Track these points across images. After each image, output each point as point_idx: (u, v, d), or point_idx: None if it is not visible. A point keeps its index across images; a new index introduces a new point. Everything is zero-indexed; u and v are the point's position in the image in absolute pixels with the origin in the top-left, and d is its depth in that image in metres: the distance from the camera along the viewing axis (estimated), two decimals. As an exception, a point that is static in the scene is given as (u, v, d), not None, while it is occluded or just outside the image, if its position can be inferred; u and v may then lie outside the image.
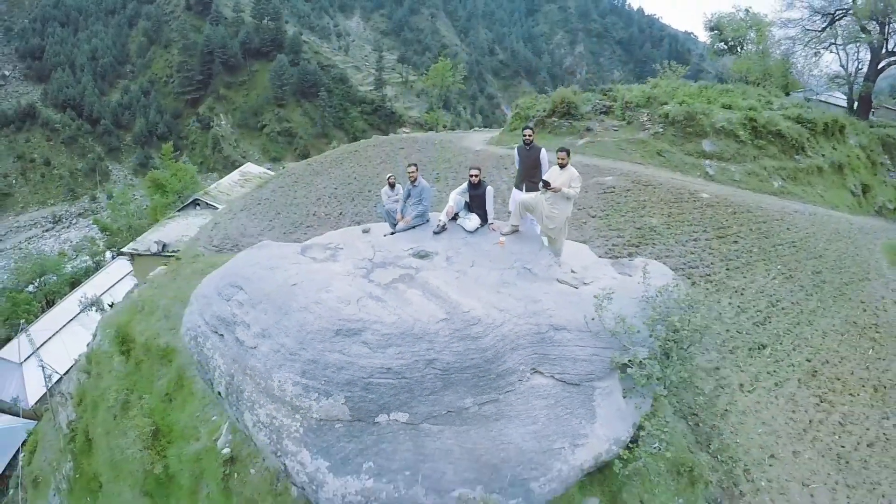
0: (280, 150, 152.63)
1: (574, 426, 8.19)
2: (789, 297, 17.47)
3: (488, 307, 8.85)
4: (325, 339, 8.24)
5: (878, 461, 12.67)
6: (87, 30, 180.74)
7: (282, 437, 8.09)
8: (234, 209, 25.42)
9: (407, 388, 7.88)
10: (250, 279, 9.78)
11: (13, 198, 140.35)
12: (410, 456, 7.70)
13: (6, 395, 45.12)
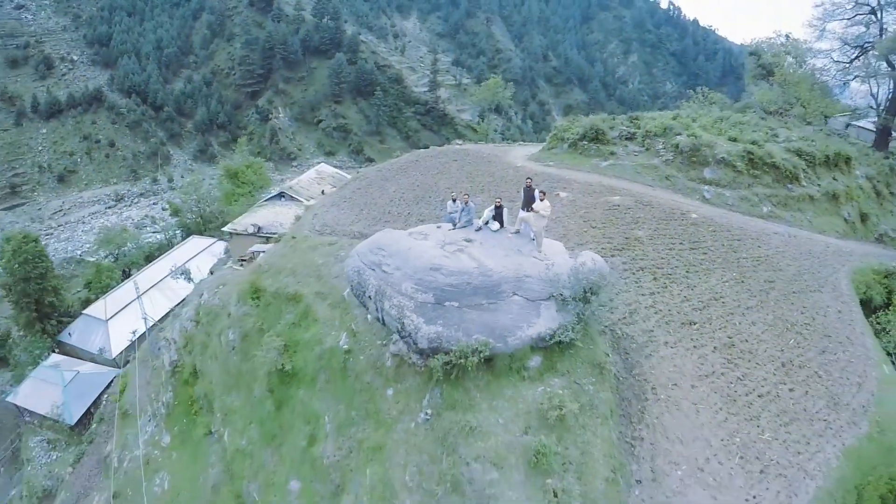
0: (334, 145, 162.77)
1: (529, 318, 17.35)
2: (733, 295, 23.79)
3: (497, 264, 18.16)
4: (425, 271, 17.50)
5: (763, 406, 19.03)
6: (152, 20, 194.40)
7: (403, 311, 17.36)
8: (326, 204, 33.32)
9: (458, 293, 17.11)
10: (388, 244, 19.30)
11: (78, 175, 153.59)
12: (457, 319, 16.82)
13: (93, 347, 54.97)
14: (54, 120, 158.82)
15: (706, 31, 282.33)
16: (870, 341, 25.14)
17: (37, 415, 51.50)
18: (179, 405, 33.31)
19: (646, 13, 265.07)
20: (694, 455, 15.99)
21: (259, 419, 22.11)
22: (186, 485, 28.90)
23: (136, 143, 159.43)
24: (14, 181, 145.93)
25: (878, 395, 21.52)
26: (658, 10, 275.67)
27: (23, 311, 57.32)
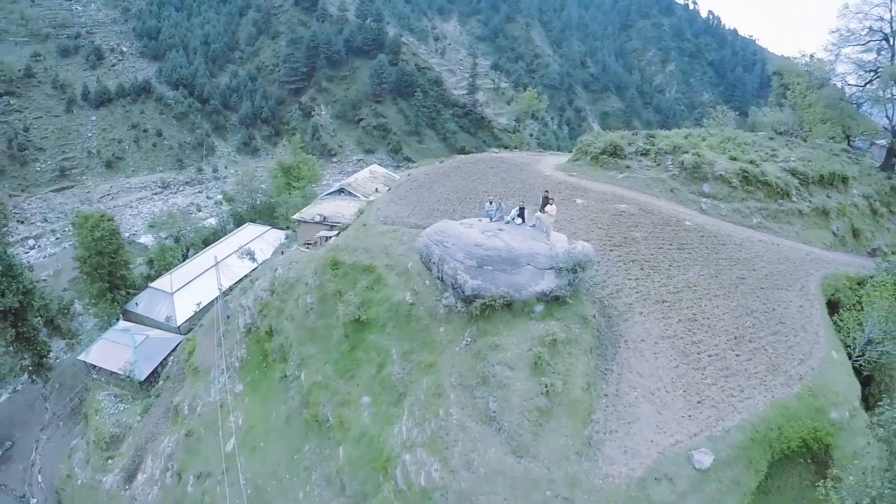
0: (374, 143, 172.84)
1: (537, 280, 26.15)
2: (704, 285, 31.10)
3: (518, 245, 27.40)
4: (471, 246, 26.89)
5: (710, 362, 26.32)
6: (199, 16, 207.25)
7: (457, 271, 26.79)
8: (386, 201, 41.91)
9: (491, 261, 26.58)
10: (447, 229, 28.51)
11: (125, 161, 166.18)
12: (490, 277, 26.47)
13: (159, 316, 64.34)
14: (104, 108, 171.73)
15: (746, 42, 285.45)
16: (823, 331, 31.79)
17: (105, 371, 60.74)
18: (252, 359, 41.85)
19: (685, 22, 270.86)
20: (648, 385, 23.35)
21: (334, 360, 30.43)
22: (260, 420, 37.26)
23: (182, 134, 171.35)
24: (64, 165, 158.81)
25: (818, 370, 28.19)
26: (698, 19, 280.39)
27: (95, 282, 66.73)
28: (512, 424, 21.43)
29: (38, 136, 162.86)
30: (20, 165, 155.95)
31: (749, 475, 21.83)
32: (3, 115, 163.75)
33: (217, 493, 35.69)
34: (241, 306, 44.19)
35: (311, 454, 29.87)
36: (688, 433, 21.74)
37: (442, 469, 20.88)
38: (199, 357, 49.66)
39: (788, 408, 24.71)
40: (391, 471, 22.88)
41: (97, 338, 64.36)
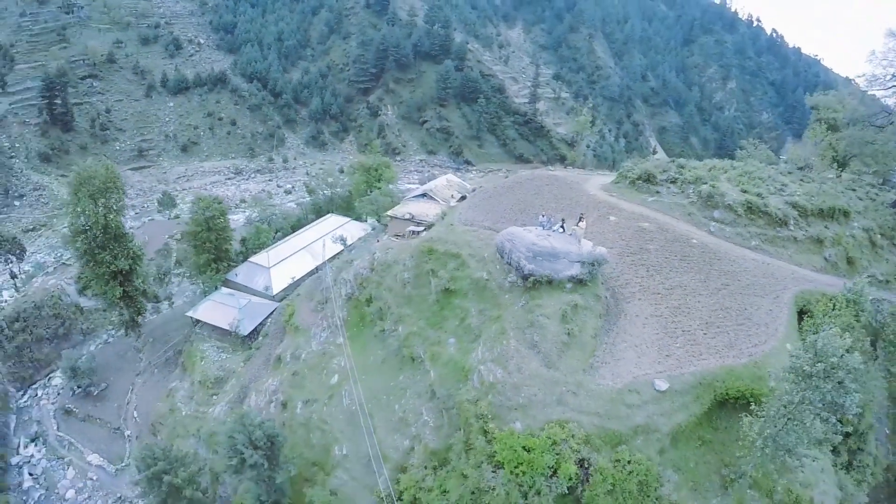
0: (436, 145, 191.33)
1: (569, 268, 42.29)
2: (693, 286, 45.43)
3: (559, 246, 44.21)
4: (529, 244, 43.66)
5: (682, 335, 40.61)
6: (273, 13, 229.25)
7: (520, 259, 43.32)
8: (465, 207, 58.11)
9: (541, 254, 43.44)
10: (514, 233, 45.61)
11: (199, 147, 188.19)
12: (540, 264, 42.97)
13: (257, 286, 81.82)
14: (181, 95, 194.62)
15: (809, 62, 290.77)
16: (783, 329, 44.98)
17: (207, 325, 78.36)
18: (352, 320, 58.11)
19: (748, 39, 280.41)
20: (634, 342, 38.08)
21: (426, 317, 46.39)
22: (359, 362, 53.35)
23: (254, 124, 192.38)
24: (142, 146, 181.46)
25: (768, 353, 41.68)
26: (761, 37, 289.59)
27: (202, 254, 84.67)
28: (546, 350, 36.87)
29: (119, 118, 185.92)
30: (101, 143, 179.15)
31: (695, 404, 36.26)
32: (87, 96, 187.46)
33: (324, 412, 51.84)
34: (343, 279, 60.64)
35: (405, 380, 45.91)
36: (655, 371, 36.42)
37: (503, 373, 36.31)
38: (299, 318, 66.51)
39: (734, 370, 38.57)
40: (470, 377, 38.39)
41: (202, 299, 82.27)
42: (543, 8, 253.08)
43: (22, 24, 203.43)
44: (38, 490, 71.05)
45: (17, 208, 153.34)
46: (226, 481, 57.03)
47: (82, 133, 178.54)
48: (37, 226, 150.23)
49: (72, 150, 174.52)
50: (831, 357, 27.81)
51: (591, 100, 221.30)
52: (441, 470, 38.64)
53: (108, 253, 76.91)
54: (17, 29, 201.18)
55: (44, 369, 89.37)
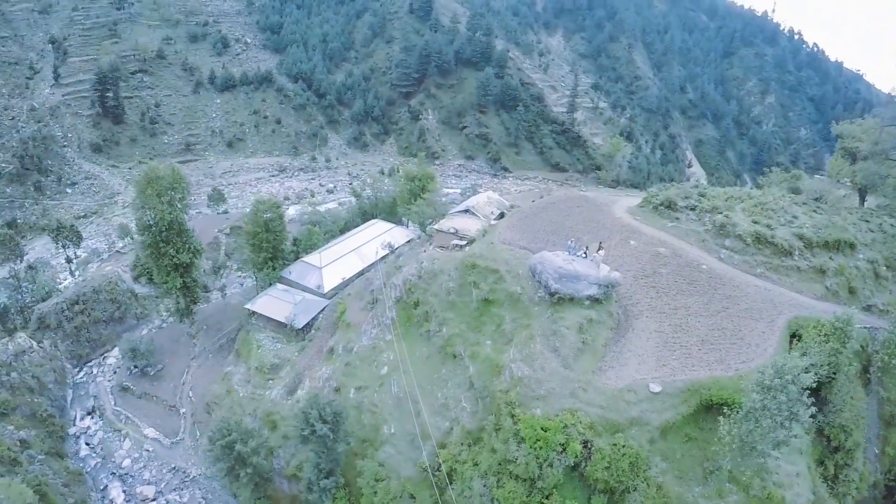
0: (475, 151, 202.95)
1: (588, 288, 54.05)
2: (695, 308, 55.12)
3: (581, 269, 56.70)
4: (556, 267, 56.17)
5: (680, 349, 50.45)
6: (319, 15, 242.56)
7: (549, 279, 55.90)
8: (504, 227, 68.77)
9: (566, 276, 55.23)
10: (544, 256, 58.33)
11: (245, 143, 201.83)
12: (564, 284, 55.25)
13: (310, 284, 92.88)
14: (227, 93, 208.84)
15: (850, 77, 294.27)
16: (772, 350, 53.41)
17: (263, 317, 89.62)
18: (400, 319, 68.95)
19: (788, 53, 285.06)
20: (637, 352, 48.13)
21: (467, 321, 57.21)
22: (408, 355, 64.05)
23: (298, 124, 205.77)
24: (189, 140, 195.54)
25: (753, 368, 50.53)
26: (801, 51, 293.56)
27: (260, 253, 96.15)
28: (564, 354, 47.42)
29: (167, 112, 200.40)
30: (150, 136, 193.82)
31: (682, 406, 46.07)
32: (138, 90, 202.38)
33: (374, 398, 62.83)
34: (393, 284, 71.59)
35: (447, 373, 56.84)
36: (651, 376, 46.49)
37: (529, 370, 46.90)
38: (350, 315, 77.76)
39: (719, 381, 47.78)
40: (502, 372, 49.04)
41: (260, 294, 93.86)
42: (584, 16, 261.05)
43: (74, 18, 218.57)
44: (94, 458, 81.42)
45: (69, 195, 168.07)
46: (279, 455, 67.63)
47: (132, 126, 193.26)
48: (88, 213, 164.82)
49: (122, 142, 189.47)
50: (787, 375, 37.39)
51: (628, 110, 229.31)
52: (475, 446, 49.63)
53: (171, 247, 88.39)
54: (69, 23, 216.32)
55: (99, 349, 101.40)
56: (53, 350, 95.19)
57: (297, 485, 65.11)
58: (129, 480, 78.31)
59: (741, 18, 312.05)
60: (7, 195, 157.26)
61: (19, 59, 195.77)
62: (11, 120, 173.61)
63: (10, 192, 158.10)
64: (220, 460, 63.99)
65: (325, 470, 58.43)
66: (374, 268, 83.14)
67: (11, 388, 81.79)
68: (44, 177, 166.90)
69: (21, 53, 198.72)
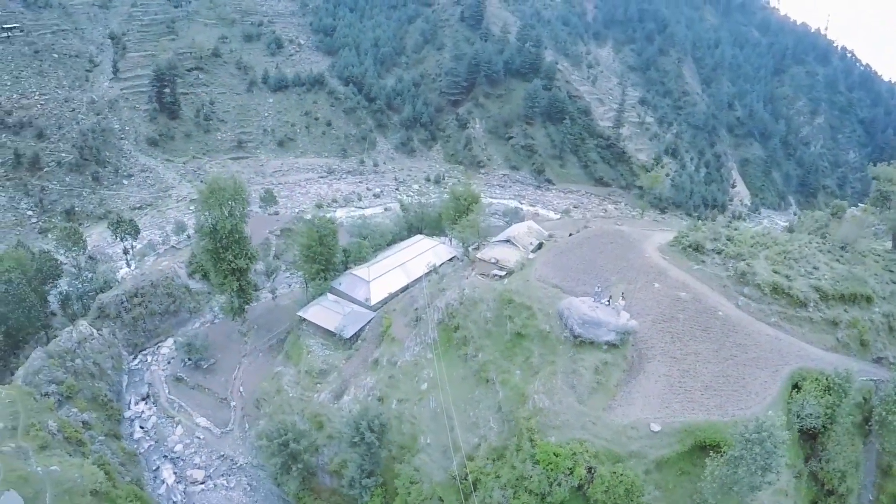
0: (520, 161, 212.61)
1: (607, 334, 62.77)
2: (705, 354, 63.08)
3: (603, 316, 65.40)
4: (581, 313, 65.41)
5: (684, 393, 58.52)
6: (371, 19, 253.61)
7: (573, 324, 64.96)
8: (539, 263, 78.09)
9: (589, 322, 64.60)
10: (570, 303, 67.35)
11: (295, 143, 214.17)
12: (587, 329, 64.04)
13: (358, 296, 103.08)
14: (280, 93, 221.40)
15: None
16: (771, 399, 59.75)
17: (313, 324, 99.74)
18: (440, 340, 78.53)
19: (840, 73, 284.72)
20: (645, 394, 56.84)
21: (501, 350, 66.78)
22: (445, 375, 73.64)
23: (348, 126, 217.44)
24: (241, 137, 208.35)
25: (749, 415, 56.38)
26: (854, 71, 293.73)
27: (313, 265, 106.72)
28: (580, 391, 56.80)
29: (221, 110, 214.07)
30: (204, 133, 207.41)
31: (678, 444, 54.04)
32: (193, 87, 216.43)
33: (414, 410, 72.59)
34: (436, 307, 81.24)
35: (479, 395, 66.52)
36: (653, 416, 55.05)
37: (549, 402, 56.40)
38: (395, 330, 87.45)
39: (715, 425, 55.11)
40: (527, 401, 58.52)
41: (311, 302, 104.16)
42: (634, 28, 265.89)
43: (133, 14, 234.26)
44: (147, 441, 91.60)
45: (125, 187, 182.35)
46: (324, 452, 77.69)
47: (187, 122, 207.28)
48: (143, 205, 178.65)
49: (177, 137, 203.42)
50: (763, 431, 45.43)
51: (674, 126, 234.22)
52: (498, 462, 59.74)
53: (230, 252, 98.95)
54: (128, 18, 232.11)
55: (153, 339, 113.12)
56: (112, 338, 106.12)
57: (338, 480, 75.04)
58: (180, 463, 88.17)
59: (793, 35, 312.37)
60: (66, 184, 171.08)
61: (80, 52, 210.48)
62: (72, 111, 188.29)
63: (69, 181, 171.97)
64: (275, 456, 74.61)
65: (367, 470, 68.80)
66: (419, 285, 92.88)
67: (75, 373, 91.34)
68: (101, 168, 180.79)
69: (81, 47, 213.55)
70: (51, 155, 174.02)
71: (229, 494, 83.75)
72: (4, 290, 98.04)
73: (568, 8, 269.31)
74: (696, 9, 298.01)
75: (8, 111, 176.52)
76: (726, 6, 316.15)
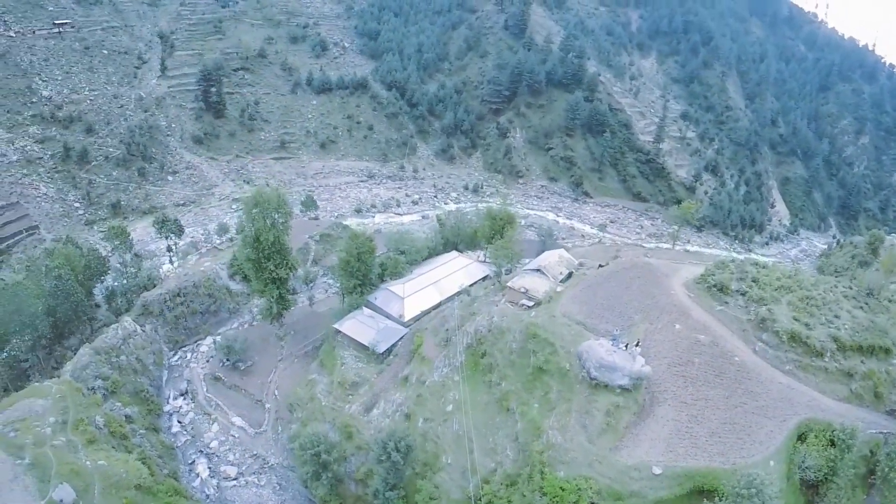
0: (559, 173, 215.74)
1: (622, 378, 66.31)
2: (715, 400, 67.11)
3: (619, 361, 67.69)
4: (599, 357, 68.26)
5: (689, 438, 62.60)
6: (415, 24, 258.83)
7: (591, 366, 68.21)
8: (566, 299, 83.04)
9: (605, 365, 67.70)
10: (589, 346, 69.85)
11: (337, 146, 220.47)
12: (603, 373, 67.62)
13: (393, 312, 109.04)
14: (324, 95, 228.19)
15: None
16: (774, 449, 62.99)
17: (347, 336, 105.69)
18: (468, 364, 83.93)
19: (887, 91, 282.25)
20: (651, 437, 61.60)
21: (522, 382, 72.22)
22: (470, 399, 79.07)
23: (390, 131, 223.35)
24: (284, 138, 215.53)
25: (750, 465, 60.24)
26: None
27: (350, 279, 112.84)
28: (590, 431, 62.11)
29: (265, 110, 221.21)
30: (248, 132, 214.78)
31: (677, 488, 58.35)
32: (239, 87, 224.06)
33: (438, 430, 78.27)
34: (465, 331, 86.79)
35: (499, 422, 72.18)
36: (656, 459, 59.65)
37: (561, 439, 61.91)
38: (425, 349, 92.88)
39: (715, 471, 59.18)
40: (542, 435, 64.08)
41: (347, 315, 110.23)
42: (679, 39, 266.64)
43: (181, 13, 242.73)
44: (184, 436, 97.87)
45: (170, 183, 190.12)
46: (351, 461, 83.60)
47: (232, 121, 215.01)
48: (187, 202, 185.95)
49: (222, 136, 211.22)
50: (752, 487, 50.08)
51: (716, 142, 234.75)
52: (510, 488, 65.81)
53: (272, 262, 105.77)
54: (176, 17, 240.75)
55: (193, 336, 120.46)
56: (154, 334, 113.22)
57: (363, 488, 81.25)
58: (214, 459, 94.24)
59: (840, 50, 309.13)
60: (113, 178, 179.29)
61: (129, 50, 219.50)
62: (120, 108, 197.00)
63: (115, 176, 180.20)
64: (307, 464, 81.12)
65: (391, 483, 74.92)
66: (451, 304, 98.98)
67: (119, 369, 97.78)
68: (148, 163, 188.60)
69: (130, 44, 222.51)
70: (99, 149, 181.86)
71: (259, 492, 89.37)
72: (54, 285, 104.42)
73: (612, 17, 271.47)
74: (742, 21, 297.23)
75: (58, 105, 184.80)
76: (773, 18, 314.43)
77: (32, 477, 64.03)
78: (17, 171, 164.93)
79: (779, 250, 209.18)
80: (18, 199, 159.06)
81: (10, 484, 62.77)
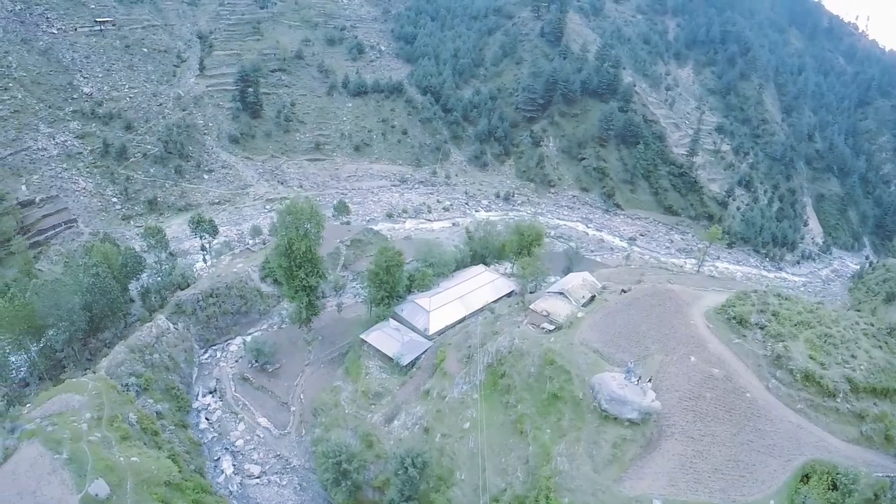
0: (591, 183, 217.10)
1: (630, 411, 69.70)
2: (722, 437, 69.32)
3: (630, 395, 70.73)
4: (611, 390, 71.90)
5: (692, 473, 65.17)
6: (452, 29, 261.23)
7: (602, 399, 72.19)
8: (585, 326, 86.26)
9: (616, 398, 71.12)
10: (601, 378, 74.16)
11: (371, 149, 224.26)
12: (613, 405, 71.25)
13: (418, 324, 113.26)
14: (359, 98, 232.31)
15: None
16: (777, 488, 65.29)
17: (373, 347, 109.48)
18: (487, 383, 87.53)
19: None
20: (655, 470, 64.70)
21: (537, 406, 76.07)
22: (487, 418, 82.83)
23: (423, 136, 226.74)
24: (319, 139, 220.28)
25: (749, 501, 63.13)
26: None
27: (379, 291, 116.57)
28: (597, 461, 65.63)
29: (301, 111, 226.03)
30: (284, 133, 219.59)
31: None
32: (275, 87, 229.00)
33: (455, 446, 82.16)
34: (487, 350, 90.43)
35: (512, 443, 76.14)
36: (658, 492, 62.63)
37: (568, 466, 65.56)
38: (447, 365, 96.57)
39: None
40: (551, 460, 67.84)
41: (373, 327, 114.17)
42: (716, 50, 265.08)
43: (221, 13, 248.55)
44: (211, 433, 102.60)
45: (205, 181, 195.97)
46: (370, 468, 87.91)
47: (268, 121, 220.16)
48: (221, 200, 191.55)
49: (257, 136, 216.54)
50: None
51: (751, 156, 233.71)
52: None
53: (303, 270, 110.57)
54: (215, 17, 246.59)
55: (223, 336, 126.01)
56: (186, 332, 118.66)
57: (380, 495, 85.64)
58: (239, 457, 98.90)
59: (881, 64, 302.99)
60: (150, 175, 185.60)
61: (168, 48, 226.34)
62: (159, 106, 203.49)
63: (153, 173, 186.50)
64: (328, 471, 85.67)
65: (406, 495, 79.37)
66: (474, 320, 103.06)
67: (152, 366, 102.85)
68: (184, 161, 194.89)
69: (170, 43, 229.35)
70: (137, 146, 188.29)
71: (281, 491, 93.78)
72: (92, 282, 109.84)
73: (650, 25, 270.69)
74: (780, 31, 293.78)
75: (98, 102, 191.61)
76: (812, 30, 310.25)
77: (70, 471, 67.73)
78: (58, 165, 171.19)
79: (810, 269, 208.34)
80: (58, 193, 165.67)
81: (49, 477, 66.88)
